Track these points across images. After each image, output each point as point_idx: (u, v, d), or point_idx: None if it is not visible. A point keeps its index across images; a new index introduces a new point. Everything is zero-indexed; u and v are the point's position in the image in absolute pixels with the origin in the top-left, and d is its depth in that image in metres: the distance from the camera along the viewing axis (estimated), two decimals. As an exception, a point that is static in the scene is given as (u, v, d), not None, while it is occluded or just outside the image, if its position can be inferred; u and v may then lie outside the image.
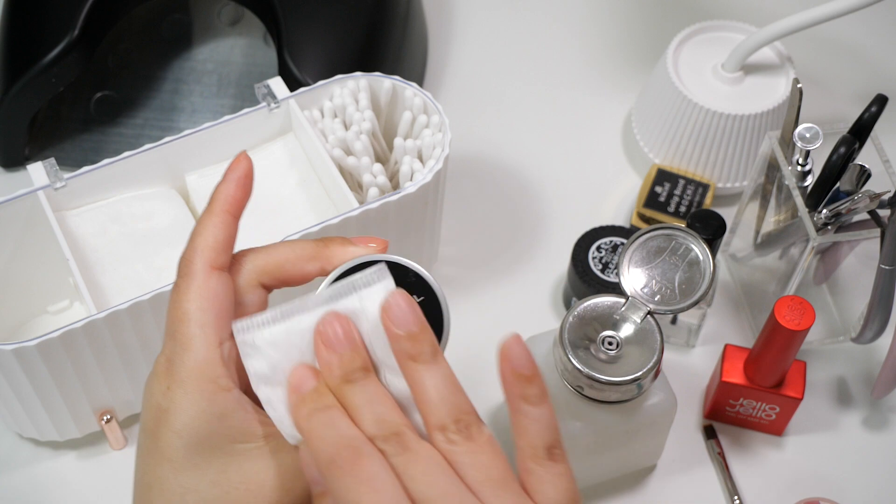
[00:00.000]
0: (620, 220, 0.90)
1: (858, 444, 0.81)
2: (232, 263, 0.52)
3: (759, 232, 0.83)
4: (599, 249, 0.82)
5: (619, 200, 0.92)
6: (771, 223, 0.81)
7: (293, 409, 0.47)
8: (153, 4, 0.94)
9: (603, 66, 1.00)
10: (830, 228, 0.75)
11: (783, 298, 0.72)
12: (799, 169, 0.76)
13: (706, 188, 0.88)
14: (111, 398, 0.74)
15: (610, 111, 0.97)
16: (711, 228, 0.75)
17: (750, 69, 0.88)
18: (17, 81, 0.85)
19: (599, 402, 0.68)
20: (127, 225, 0.76)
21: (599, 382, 0.65)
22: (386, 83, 0.78)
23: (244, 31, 0.97)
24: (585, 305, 0.67)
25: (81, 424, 0.75)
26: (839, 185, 0.74)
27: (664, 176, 0.88)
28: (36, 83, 0.85)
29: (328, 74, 0.79)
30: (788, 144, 0.77)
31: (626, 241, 0.75)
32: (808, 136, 0.75)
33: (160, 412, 0.49)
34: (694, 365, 0.83)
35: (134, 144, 0.86)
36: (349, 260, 0.51)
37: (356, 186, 0.78)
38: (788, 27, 0.83)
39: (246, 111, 0.77)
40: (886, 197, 0.72)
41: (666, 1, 1.04)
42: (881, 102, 0.75)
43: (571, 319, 0.67)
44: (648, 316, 0.67)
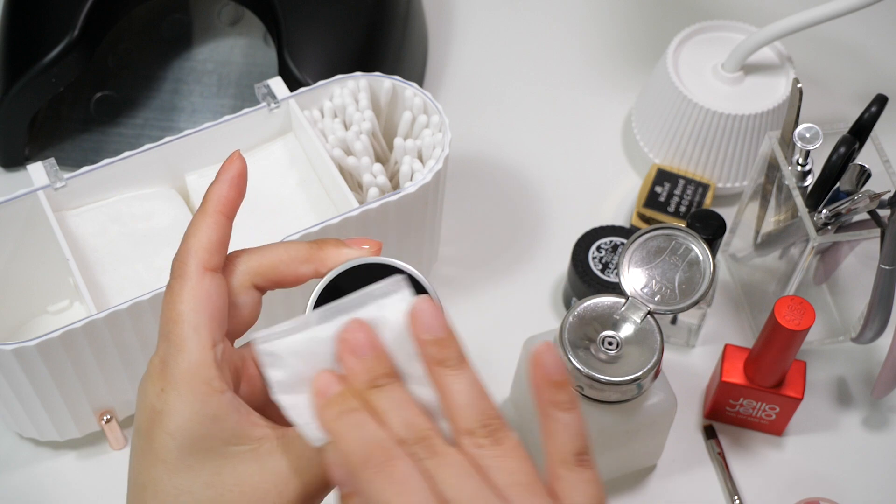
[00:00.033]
0: (620, 220, 0.90)
1: (858, 444, 0.81)
2: (225, 264, 0.52)
3: (759, 232, 0.83)
4: (599, 249, 0.82)
5: (619, 200, 0.92)
6: (771, 223, 0.81)
7: (320, 411, 0.47)
8: (153, 4, 0.94)
9: (603, 66, 1.00)
10: (830, 228, 0.75)
11: (783, 298, 0.72)
12: (799, 169, 0.76)
13: (706, 188, 0.88)
14: (111, 398, 0.74)
15: (610, 111, 0.97)
16: (711, 228, 0.75)
17: (750, 69, 0.88)
18: (17, 81, 0.85)
19: (599, 402, 0.68)
20: (127, 225, 0.75)
21: (599, 382, 0.65)
22: (386, 83, 0.78)
23: (244, 31, 0.97)
24: (585, 305, 0.67)
25: (81, 424, 0.75)
26: (839, 185, 0.74)
27: (664, 176, 0.88)
28: (36, 83, 0.85)
29: (328, 74, 0.79)
30: (788, 144, 0.77)
31: (626, 241, 0.75)
32: (808, 136, 0.75)
33: (154, 413, 0.49)
34: (694, 365, 0.83)
35: (134, 144, 0.86)
36: (343, 262, 0.51)
37: (356, 186, 0.78)
38: (788, 27, 0.83)
39: (246, 111, 0.77)
40: (886, 197, 0.72)
41: (666, 1, 1.04)
42: (881, 102, 0.75)
43: (571, 319, 0.67)
44: (648, 316, 0.67)
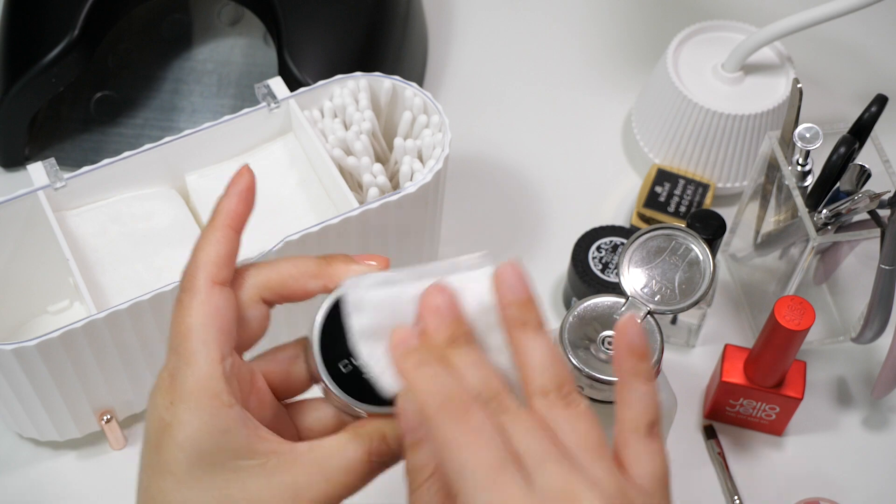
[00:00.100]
0: (620, 220, 0.90)
1: (858, 444, 0.81)
2: (234, 278, 0.52)
3: (759, 232, 0.83)
4: (599, 249, 0.82)
5: (619, 200, 0.92)
6: (771, 223, 0.81)
7: (398, 360, 0.48)
8: (153, 4, 0.94)
9: (603, 66, 1.00)
10: (830, 228, 0.75)
11: (783, 298, 0.72)
12: (799, 169, 0.76)
13: (706, 188, 0.88)
14: (111, 398, 0.74)
15: (610, 111, 0.97)
16: (711, 228, 0.75)
17: (750, 69, 0.88)
18: (17, 81, 0.85)
19: (600, 402, 0.68)
20: (127, 225, 0.75)
21: (600, 382, 0.65)
22: (386, 83, 0.78)
23: (244, 31, 0.97)
24: (585, 305, 0.67)
25: (81, 424, 0.75)
26: (839, 185, 0.74)
27: (664, 176, 0.88)
28: (36, 83, 0.85)
29: (328, 74, 0.79)
30: (788, 144, 0.77)
31: (626, 241, 0.75)
32: (808, 136, 0.75)
33: (163, 426, 0.50)
34: (694, 365, 0.83)
35: (134, 144, 0.86)
36: (352, 276, 0.52)
37: (356, 186, 0.78)
38: (788, 27, 0.83)
39: (246, 111, 0.77)
40: (886, 197, 0.72)
41: (666, 1, 1.04)
42: (881, 102, 0.75)
43: (571, 319, 0.67)
44: (648, 316, 0.66)
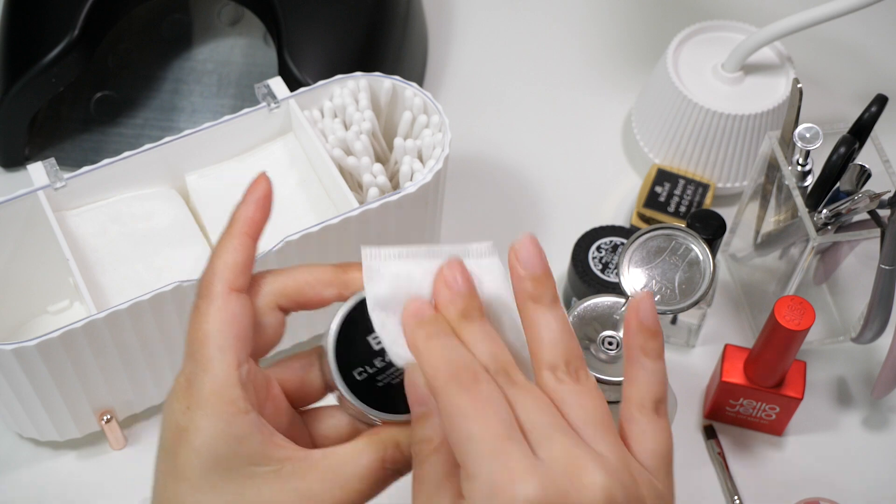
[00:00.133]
0: (620, 220, 0.90)
1: (858, 444, 0.81)
2: (251, 285, 0.52)
3: (759, 232, 0.83)
4: (599, 249, 0.82)
5: (619, 200, 0.92)
6: (771, 223, 0.81)
7: (410, 330, 0.49)
8: (153, 4, 0.94)
9: (603, 66, 1.00)
10: (830, 228, 0.75)
11: (783, 298, 0.72)
12: (799, 169, 0.76)
13: (706, 188, 0.88)
14: (111, 398, 0.74)
15: (610, 111, 0.97)
16: (711, 228, 0.75)
17: (750, 69, 0.88)
18: (17, 81, 0.85)
19: (599, 402, 0.68)
20: (127, 225, 0.75)
21: (600, 382, 0.65)
22: (386, 83, 0.78)
23: (244, 31, 0.97)
24: (585, 305, 0.67)
25: (81, 424, 0.75)
26: (839, 185, 0.74)
27: (664, 176, 0.88)
28: (36, 83, 0.85)
29: (328, 74, 0.79)
30: (788, 144, 0.77)
31: (626, 241, 0.75)
32: (808, 136, 0.75)
33: (179, 431, 0.50)
34: (694, 365, 0.83)
35: (134, 144, 0.86)
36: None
37: (356, 186, 0.78)
38: (788, 27, 0.83)
39: (246, 111, 0.77)
40: (886, 197, 0.72)
41: (666, 1, 1.04)
42: (881, 102, 0.75)
43: (571, 319, 0.67)
44: (648, 316, 0.66)
